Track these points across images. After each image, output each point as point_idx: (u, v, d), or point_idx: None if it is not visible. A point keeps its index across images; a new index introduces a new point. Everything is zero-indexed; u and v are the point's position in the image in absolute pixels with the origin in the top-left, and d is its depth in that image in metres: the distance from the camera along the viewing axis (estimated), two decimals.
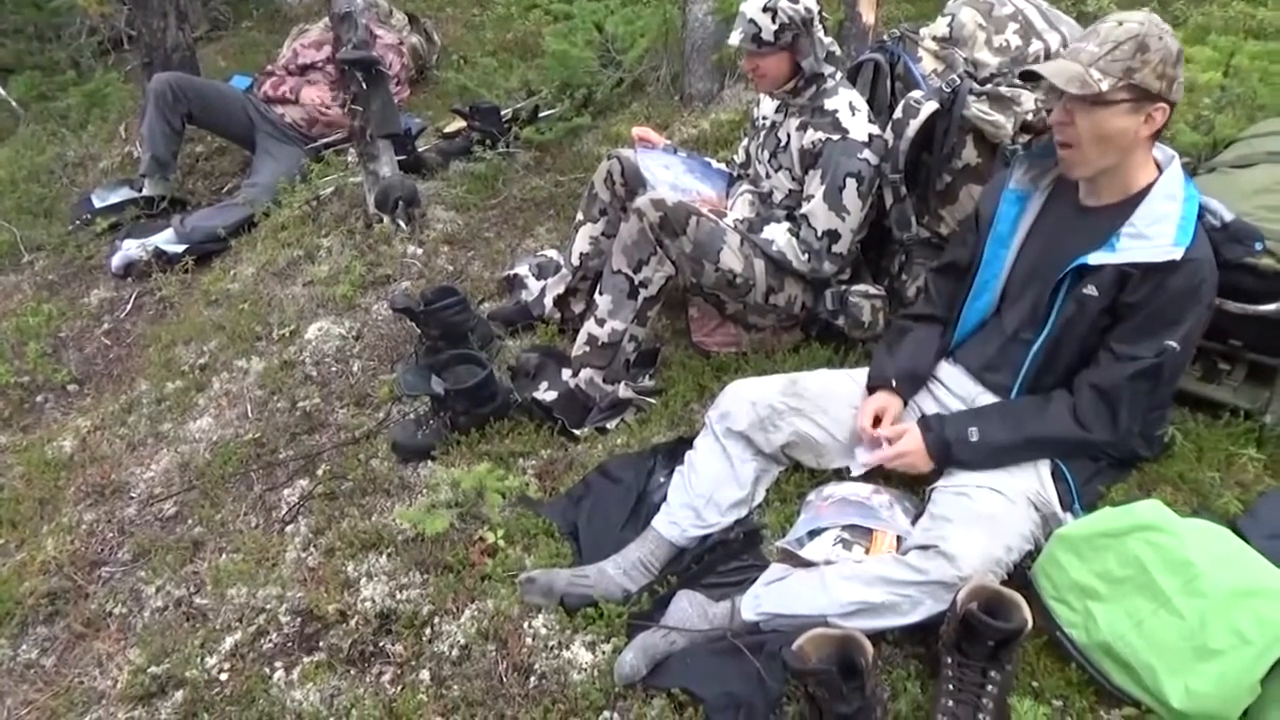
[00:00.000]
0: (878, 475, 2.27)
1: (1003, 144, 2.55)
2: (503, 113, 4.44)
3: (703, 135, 4.02)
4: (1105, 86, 1.81)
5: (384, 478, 2.60)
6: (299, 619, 2.21)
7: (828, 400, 2.29)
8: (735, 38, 2.60)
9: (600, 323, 2.65)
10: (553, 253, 3.43)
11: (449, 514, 2.35)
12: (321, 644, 2.13)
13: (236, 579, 2.35)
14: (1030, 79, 1.96)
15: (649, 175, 2.88)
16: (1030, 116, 2.52)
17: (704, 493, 2.22)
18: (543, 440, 2.63)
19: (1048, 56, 2.57)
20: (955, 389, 2.24)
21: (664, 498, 2.27)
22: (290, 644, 2.16)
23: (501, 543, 2.27)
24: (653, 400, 2.70)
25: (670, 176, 2.91)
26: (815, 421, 2.27)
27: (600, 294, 2.66)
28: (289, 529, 2.52)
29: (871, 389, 2.27)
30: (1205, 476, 2.06)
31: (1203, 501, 2.02)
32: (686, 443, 2.38)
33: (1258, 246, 1.99)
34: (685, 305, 3.00)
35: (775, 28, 2.56)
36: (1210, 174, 2.42)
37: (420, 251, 3.69)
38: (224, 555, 2.47)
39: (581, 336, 2.70)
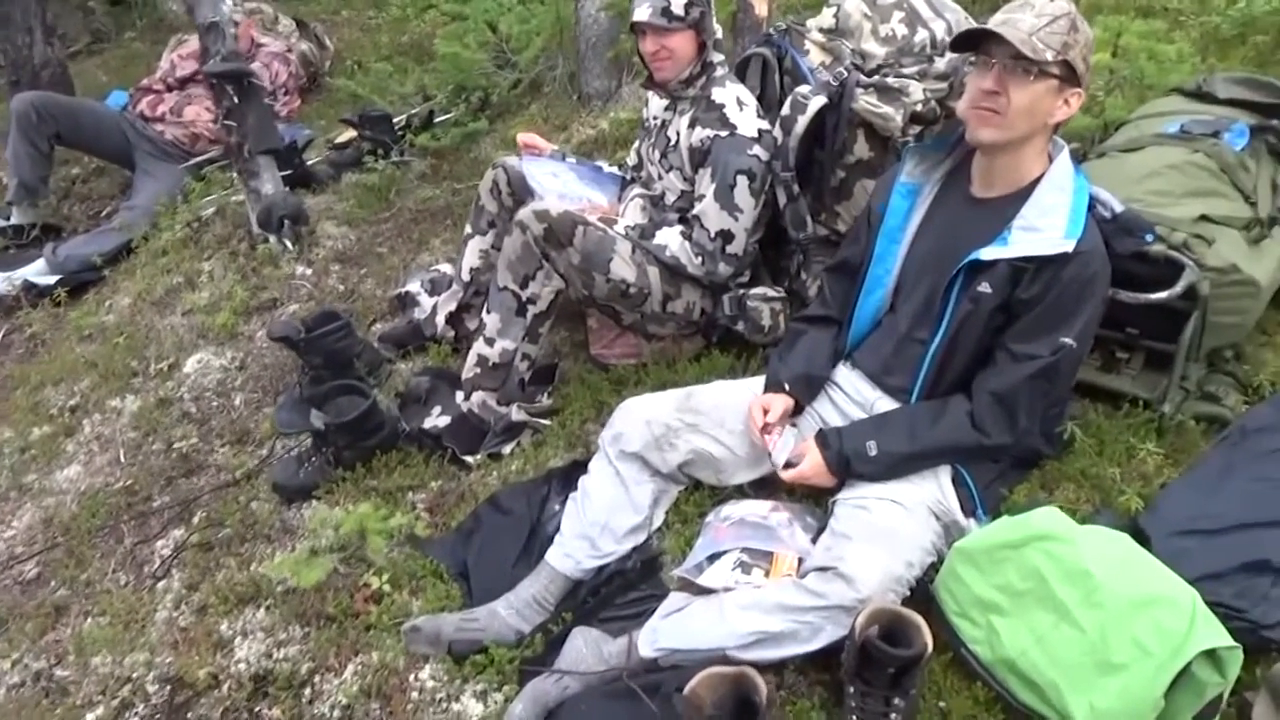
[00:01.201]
0: (779, 489, 2.18)
1: (893, 136, 2.48)
2: (395, 120, 4.27)
3: (602, 135, 3.90)
4: (1049, 56, 1.75)
5: (264, 521, 2.43)
6: (168, 688, 2.03)
7: (725, 413, 2.19)
8: (643, 12, 2.45)
9: (489, 342, 2.52)
10: (447, 267, 3.28)
11: (332, 558, 2.19)
12: (191, 715, 1.96)
13: (102, 646, 2.16)
14: (967, 45, 1.86)
15: (536, 184, 2.74)
16: (919, 107, 2.46)
17: (598, 520, 2.10)
18: (433, 471, 2.48)
19: (933, 46, 2.51)
20: (854, 394, 2.15)
21: (558, 528, 2.15)
22: (157, 717, 1.98)
23: (387, 588, 2.12)
24: (547, 422, 2.57)
25: (558, 184, 2.78)
26: (713, 437, 2.17)
27: (488, 312, 2.53)
28: (161, 585, 2.33)
29: (765, 395, 2.17)
30: (1107, 472, 2.00)
31: (1104, 499, 1.97)
32: (581, 466, 2.26)
33: (1148, 239, 1.94)
34: (584, 317, 2.88)
35: (686, 0, 2.44)
36: (1101, 159, 2.37)
37: (309, 272, 3.51)
38: (89, 619, 2.28)
39: (471, 358, 2.56)
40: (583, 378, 2.75)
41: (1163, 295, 2.02)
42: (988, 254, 1.87)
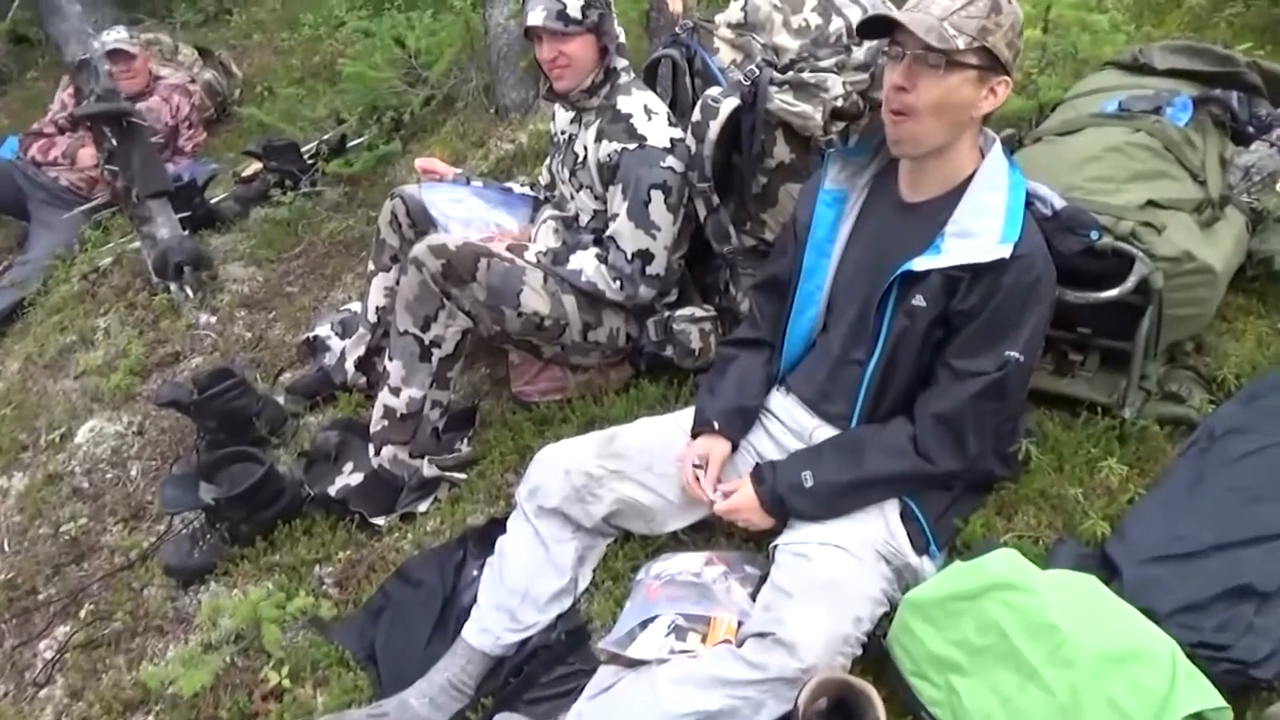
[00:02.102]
0: (718, 531, 1.99)
1: (815, 136, 2.29)
2: (304, 147, 4.02)
3: (521, 149, 3.69)
4: (961, 44, 1.56)
5: (156, 611, 2.19)
6: None
7: (652, 456, 1.99)
8: (537, 16, 2.23)
9: (394, 392, 2.29)
10: (359, 305, 3.05)
11: (227, 651, 1.97)
12: None
13: None
14: (873, 32, 1.67)
15: (438, 213, 2.53)
16: (840, 102, 2.27)
17: (518, 588, 1.89)
18: (341, 540, 2.26)
19: (850, 34, 2.32)
20: (790, 423, 1.96)
21: (476, 598, 1.93)
22: None
23: (287, 682, 1.90)
24: (464, 475, 2.35)
25: (463, 211, 2.57)
26: (640, 483, 1.96)
27: (390, 359, 2.30)
28: (44, 693, 2.09)
29: (695, 434, 1.97)
30: (1068, 492, 1.82)
31: (1067, 522, 1.79)
32: (500, 525, 2.05)
33: (1093, 236, 1.76)
34: (505, 351, 2.66)
35: (582, 2, 2.23)
36: (1037, 145, 2.20)
37: (213, 320, 3.26)
38: None
39: (378, 409, 2.34)
40: (505, 419, 2.54)
41: (1113, 293, 1.84)
42: (919, 264, 1.68)
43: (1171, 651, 1.32)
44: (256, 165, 4.00)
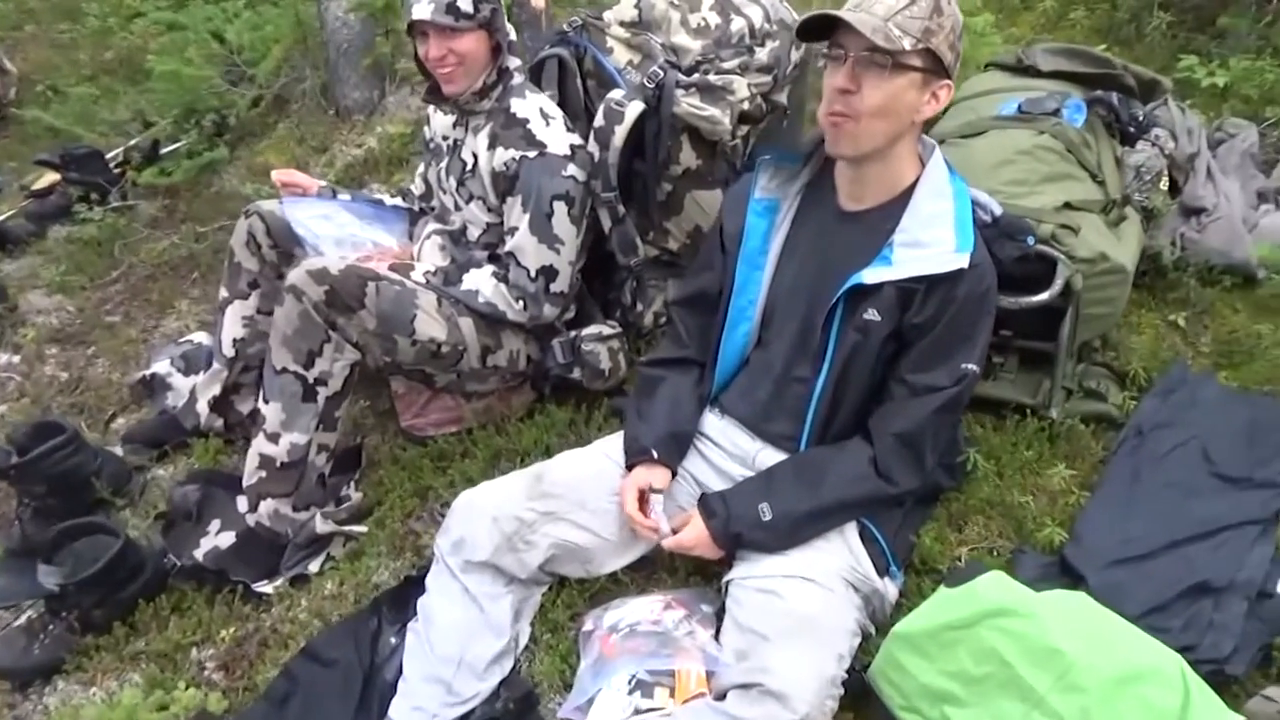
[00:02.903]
0: (660, 566, 1.85)
1: (722, 140, 2.19)
2: (109, 155, 3.54)
3: (371, 155, 3.39)
4: (906, 45, 1.48)
5: None
6: None
7: (584, 492, 1.82)
8: (423, 10, 1.99)
9: (273, 438, 2.00)
10: (202, 336, 2.69)
11: None
12: None
13: None
14: (813, 34, 1.56)
15: (305, 232, 2.24)
16: (747, 105, 2.18)
17: (451, 655, 1.68)
18: (221, 615, 1.94)
19: (752, 35, 2.23)
20: (730, 447, 1.85)
21: (400, 671, 1.71)
22: None
23: None
24: (363, 529, 2.09)
25: (333, 229, 2.29)
26: (575, 523, 1.80)
27: (265, 401, 2.01)
28: None
29: (630, 465, 1.83)
30: (1014, 499, 1.81)
31: (1018, 529, 1.78)
32: (417, 583, 1.82)
33: (1029, 241, 1.75)
34: (387, 380, 2.40)
35: None
36: (943, 147, 2.18)
37: (16, 360, 2.79)
38: None
39: (252, 459, 2.03)
40: (396, 456, 2.29)
41: (1044, 296, 1.85)
42: (870, 276, 1.61)
43: (1180, 668, 1.30)
44: (52, 176, 3.47)
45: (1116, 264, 1.93)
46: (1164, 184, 2.20)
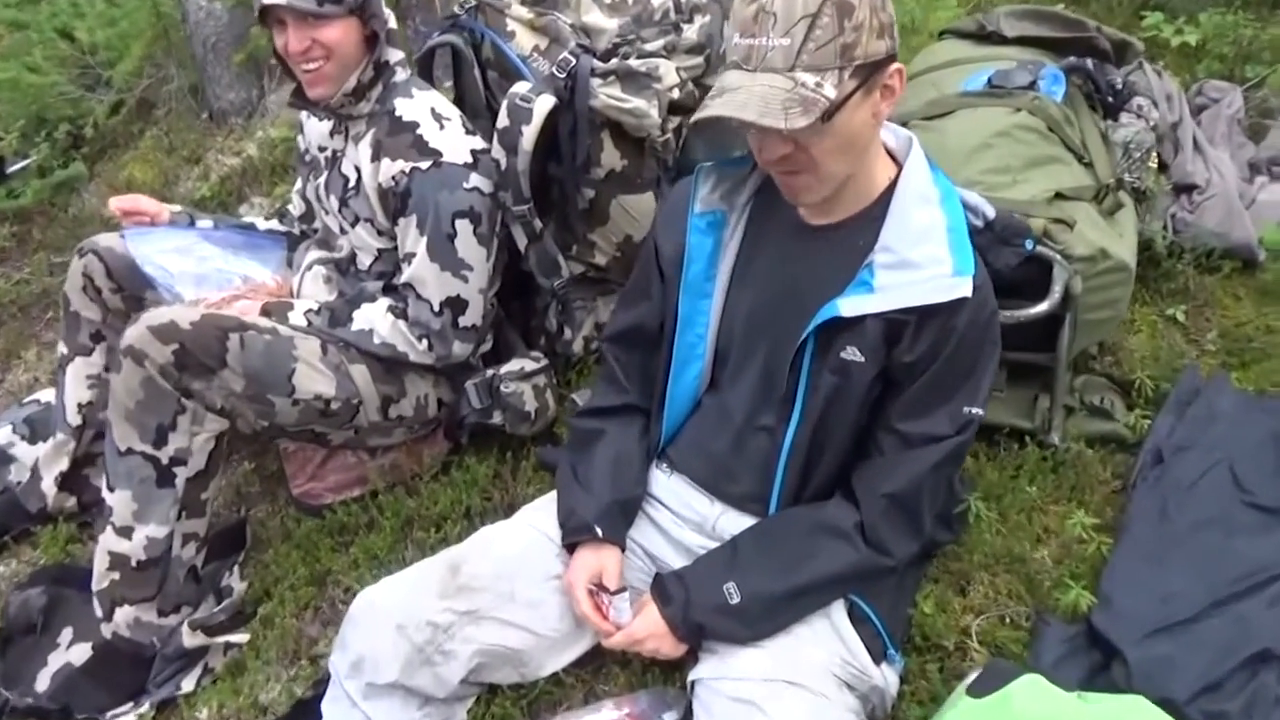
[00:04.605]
0: (609, 661, 1.54)
1: (650, 136, 1.86)
2: None
3: (251, 165, 2.98)
4: (832, 93, 1.14)
5: None
6: None
7: (513, 580, 1.48)
8: None
9: (124, 533, 1.63)
10: (53, 395, 2.26)
11: None
12: None
13: None
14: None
15: (155, 271, 1.85)
16: (676, 93, 1.85)
17: None
18: None
19: (678, 9, 1.90)
20: (684, 511, 1.53)
21: None
22: None
23: None
24: (244, 636, 1.72)
25: (191, 264, 1.90)
26: (503, 621, 1.45)
27: (110, 489, 1.63)
28: None
29: (570, 544, 1.50)
30: (1024, 552, 1.53)
31: (1031, 589, 1.50)
32: (310, 708, 1.48)
33: (1028, 245, 1.46)
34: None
35: None
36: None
37: None
38: None
39: (101, 558, 1.66)
40: (287, 532, 1.93)
41: (1044, 307, 1.56)
42: (850, 307, 1.29)
43: None
44: None
45: (1118, 260, 1.65)
46: (1154, 161, 1.94)
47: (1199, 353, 1.89)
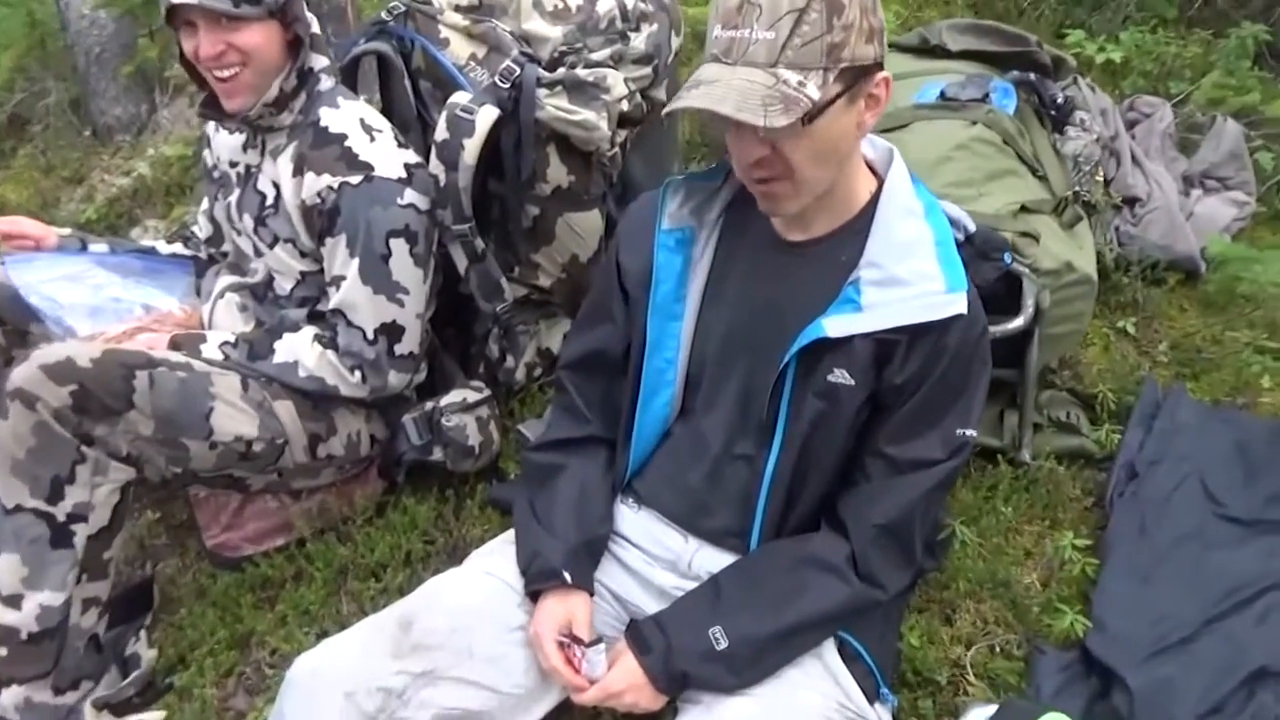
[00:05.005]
0: (579, 717, 1.40)
1: (599, 150, 1.75)
2: None
3: (142, 185, 2.75)
4: (815, 94, 1.07)
5: None
6: None
7: (470, 635, 1.33)
8: None
9: (11, 603, 1.42)
10: None
11: None
12: None
13: None
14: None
15: (42, 302, 1.64)
16: (625, 105, 1.76)
17: None
18: None
19: (624, 18, 1.80)
20: (655, 549, 1.42)
21: None
22: None
23: None
24: (158, 715, 1.52)
25: (84, 294, 1.70)
26: (463, 680, 1.30)
27: None
28: None
29: (534, 592, 1.36)
30: (1008, 574, 1.48)
31: (1020, 614, 1.45)
32: None
33: (1006, 259, 1.42)
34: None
35: None
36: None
37: None
38: None
39: None
40: (202, 588, 1.73)
41: (1020, 323, 1.52)
42: (836, 327, 1.21)
43: None
44: None
45: (1083, 273, 1.64)
46: (1100, 175, 1.95)
47: (1152, 364, 1.90)
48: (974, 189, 1.65)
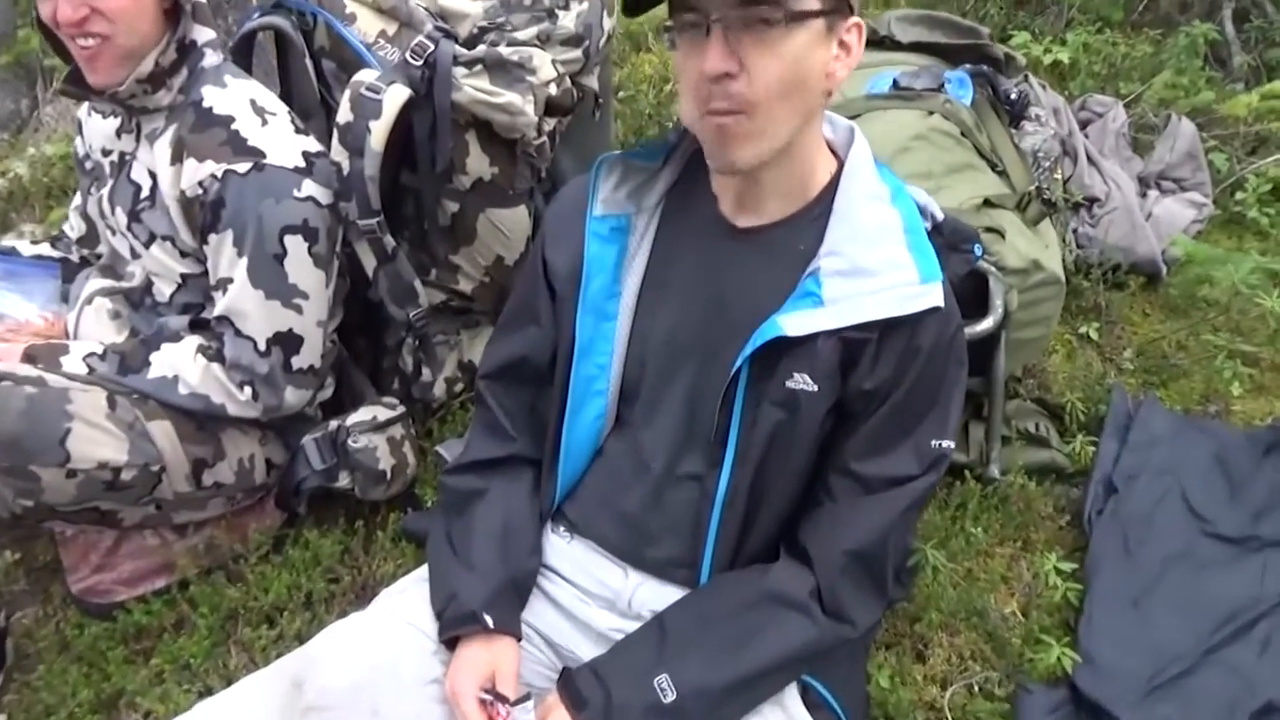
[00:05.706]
0: None
1: (524, 138, 1.58)
2: None
3: (20, 188, 2.49)
4: None
5: None
6: None
7: (375, 691, 1.13)
8: None
9: None
10: None
11: None
12: None
13: None
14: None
15: None
16: (554, 89, 1.59)
17: None
18: None
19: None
20: (591, 586, 1.24)
21: None
22: None
23: None
24: None
25: None
26: None
27: None
28: None
29: (451, 639, 1.17)
30: (983, 603, 1.33)
31: (997, 647, 1.30)
32: None
33: (976, 252, 1.29)
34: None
35: None
36: None
37: None
38: None
39: None
40: (66, 641, 1.50)
41: (989, 324, 1.39)
42: (795, 325, 1.06)
43: None
44: None
45: (1051, 273, 1.52)
46: (1060, 172, 1.84)
47: (1118, 371, 1.79)
48: (933, 181, 1.52)
